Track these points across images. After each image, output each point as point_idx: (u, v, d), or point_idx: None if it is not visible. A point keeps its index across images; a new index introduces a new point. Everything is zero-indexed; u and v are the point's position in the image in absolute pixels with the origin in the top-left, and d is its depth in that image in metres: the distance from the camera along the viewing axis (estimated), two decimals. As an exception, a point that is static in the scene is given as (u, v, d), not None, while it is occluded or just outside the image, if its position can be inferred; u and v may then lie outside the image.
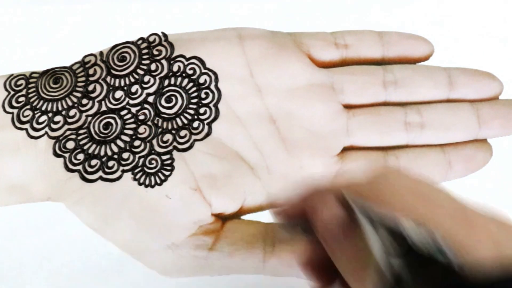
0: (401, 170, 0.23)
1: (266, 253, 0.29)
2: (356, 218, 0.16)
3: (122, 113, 0.30)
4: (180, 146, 0.30)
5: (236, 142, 0.31)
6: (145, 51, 0.31)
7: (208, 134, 0.31)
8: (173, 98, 0.31)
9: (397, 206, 0.17)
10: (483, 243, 0.16)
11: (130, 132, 0.30)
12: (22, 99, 0.30)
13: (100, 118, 0.30)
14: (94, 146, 0.29)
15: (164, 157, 0.30)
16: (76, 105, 0.30)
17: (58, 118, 0.30)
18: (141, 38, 0.32)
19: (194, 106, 0.31)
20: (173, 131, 0.30)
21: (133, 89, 0.31)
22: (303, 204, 0.21)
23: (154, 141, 0.30)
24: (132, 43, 0.32)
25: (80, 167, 0.29)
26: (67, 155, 0.29)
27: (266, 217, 0.31)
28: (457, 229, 0.16)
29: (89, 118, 0.30)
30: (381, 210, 0.16)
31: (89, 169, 0.29)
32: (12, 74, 0.31)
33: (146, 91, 0.31)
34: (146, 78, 0.31)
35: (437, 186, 0.20)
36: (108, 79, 0.31)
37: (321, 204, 0.19)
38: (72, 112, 0.30)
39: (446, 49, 0.35)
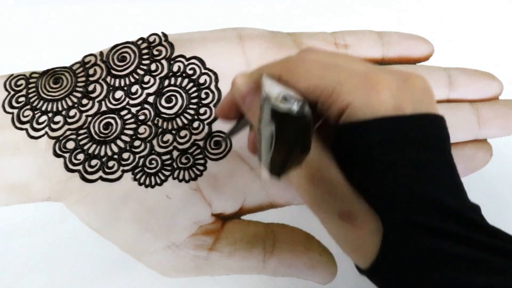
0: (315, 48, 0.26)
1: (266, 253, 0.29)
2: (261, 88, 0.20)
3: (122, 113, 0.30)
4: (180, 146, 0.30)
5: (237, 142, 0.31)
6: (145, 51, 0.31)
7: (208, 134, 0.31)
8: (173, 98, 0.31)
9: (304, 75, 0.21)
10: (382, 98, 0.20)
11: (130, 132, 0.30)
12: (22, 99, 0.30)
13: (100, 118, 0.30)
14: (94, 146, 0.29)
15: (164, 157, 0.30)
16: (76, 105, 0.30)
17: (58, 118, 0.30)
18: (141, 38, 0.32)
19: (194, 106, 0.31)
20: (173, 131, 0.30)
21: (133, 89, 0.31)
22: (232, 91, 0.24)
23: (154, 141, 0.30)
24: (132, 43, 0.32)
25: (80, 167, 0.29)
26: (67, 155, 0.29)
27: (266, 217, 0.31)
28: (360, 87, 0.20)
29: (89, 118, 0.30)
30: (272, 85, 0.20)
31: (89, 169, 0.29)
32: (12, 74, 0.31)
33: (146, 91, 0.31)
34: (146, 78, 0.31)
35: (349, 57, 0.23)
36: (108, 79, 0.31)
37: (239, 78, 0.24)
38: (72, 112, 0.30)
39: (446, 49, 0.35)
